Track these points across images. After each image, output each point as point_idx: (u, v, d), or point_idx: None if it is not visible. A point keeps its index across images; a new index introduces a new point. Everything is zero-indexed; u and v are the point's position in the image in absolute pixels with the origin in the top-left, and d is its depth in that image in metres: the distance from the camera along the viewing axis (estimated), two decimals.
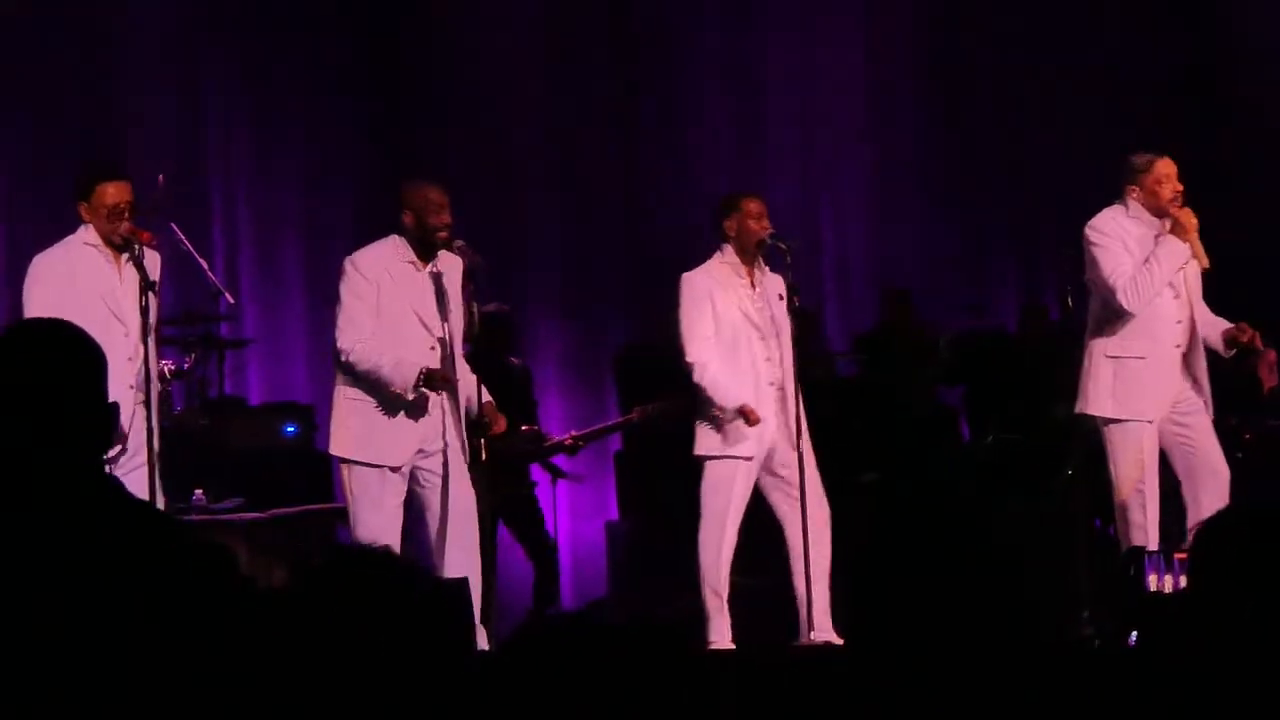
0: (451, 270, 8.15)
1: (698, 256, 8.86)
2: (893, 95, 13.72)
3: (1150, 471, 8.41)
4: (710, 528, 8.61)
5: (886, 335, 12.22)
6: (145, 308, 7.87)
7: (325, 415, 8.68)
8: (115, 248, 7.96)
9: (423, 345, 8.05)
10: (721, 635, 8.58)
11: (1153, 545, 8.29)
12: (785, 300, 8.65)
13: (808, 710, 5.74)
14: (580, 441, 10.67)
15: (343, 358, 8.07)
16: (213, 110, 12.40)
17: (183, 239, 9.83)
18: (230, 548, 3.27)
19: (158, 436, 7.81)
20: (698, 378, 8.59)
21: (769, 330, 8.64)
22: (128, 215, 7.95)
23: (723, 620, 8.58)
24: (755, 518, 8.70)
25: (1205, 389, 8.47)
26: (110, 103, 12.04)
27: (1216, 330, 8.52)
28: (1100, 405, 8.48)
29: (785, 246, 8.67)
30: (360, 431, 8.07)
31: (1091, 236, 8.48)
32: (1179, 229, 8.41)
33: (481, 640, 7.62)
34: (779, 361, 8.61)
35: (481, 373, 8.25)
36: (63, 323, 3.31)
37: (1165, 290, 8.40)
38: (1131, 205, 8.50)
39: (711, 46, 13.43)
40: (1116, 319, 8.43)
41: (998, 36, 13.73)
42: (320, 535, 9.42)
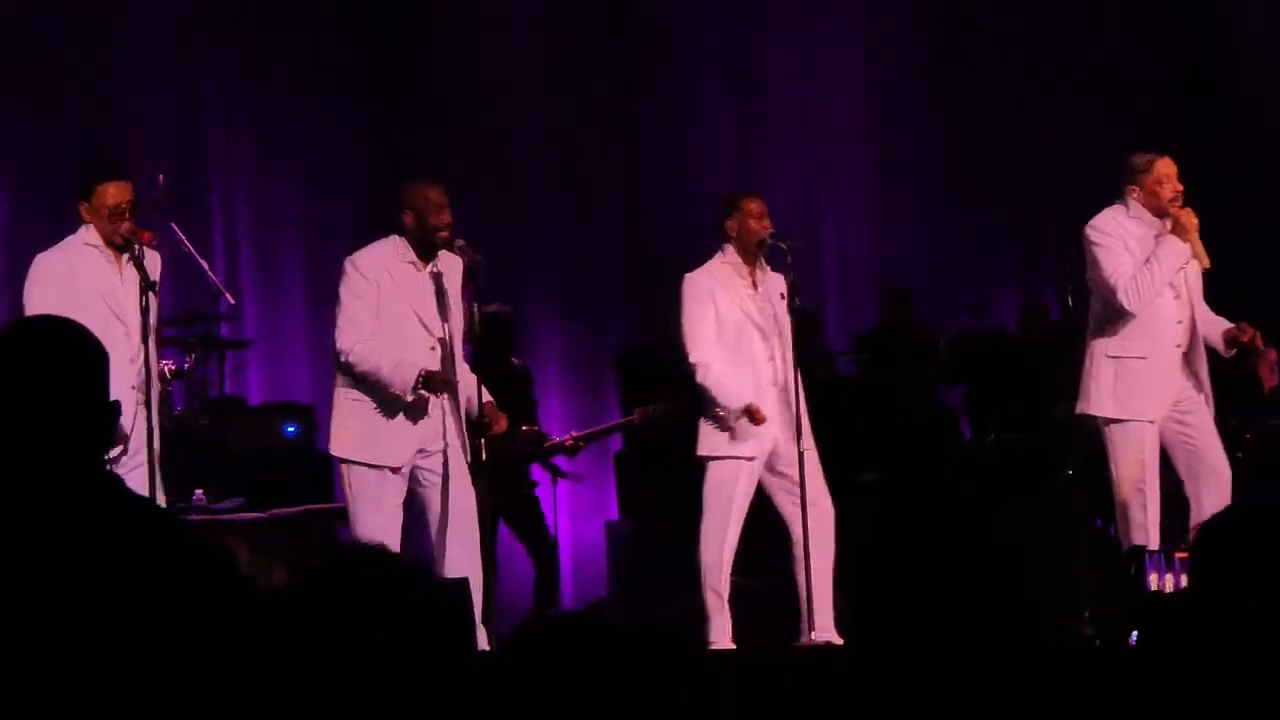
0: (452, 270, 8.15)
1: (698, 256, 8.85)
2: (893, 95, 13.72)
3: (1151, 471, 8.41)
4: (712, 528, 8.60)
5: (886, 335, 12.21)
6: (145, 308, 7.87)
7: (325, 415, 8.68)
8: (116, 248, 7.96)
9: (423, 345, 8.04)
10: (722, 635, 8.57)
11: (1154, 545, 8.29)
12: (786, 300, 8.65)
13: (808, 710, 5.73)
14: (581, 442, 10.67)
15: (342, 358, 8.06)
16: (213, 110, 12.40)
17: (183, 239, 9.84)
18: (231, 548, 3.27)
19: (158, 437, 7.81)
20: (701, 378, 8.58)
21: (771, 330, 8.63)
22: (128, 215, 7.95)
23: (723, 620, 8.58)
24: (756, 517, 8.69)
25: (1207, 388, 8.47)
26: (110, 103, 12.03)
27: (1217, 330, 8.53)
28: (1101, 405, 8.48)
29: (786, 246, 8.67)
30: (360, 432, 8.07)
31: (1092, 236, 8.48)
32: (1180, 229, 8.41)
33: (482, 640, 7.62)
34: (781, 361, 8.60)
35: (482, 373, 8.25)
36: (65, 320, 3.30)
37: (1166, 290, 8.41)
38: (1132, 205, 8.50)
39: (711, 46, 13.43)
40: (1117, 319, 8.43)
41: (998, 36, 13.73)
42: (321, 535, 9.42)
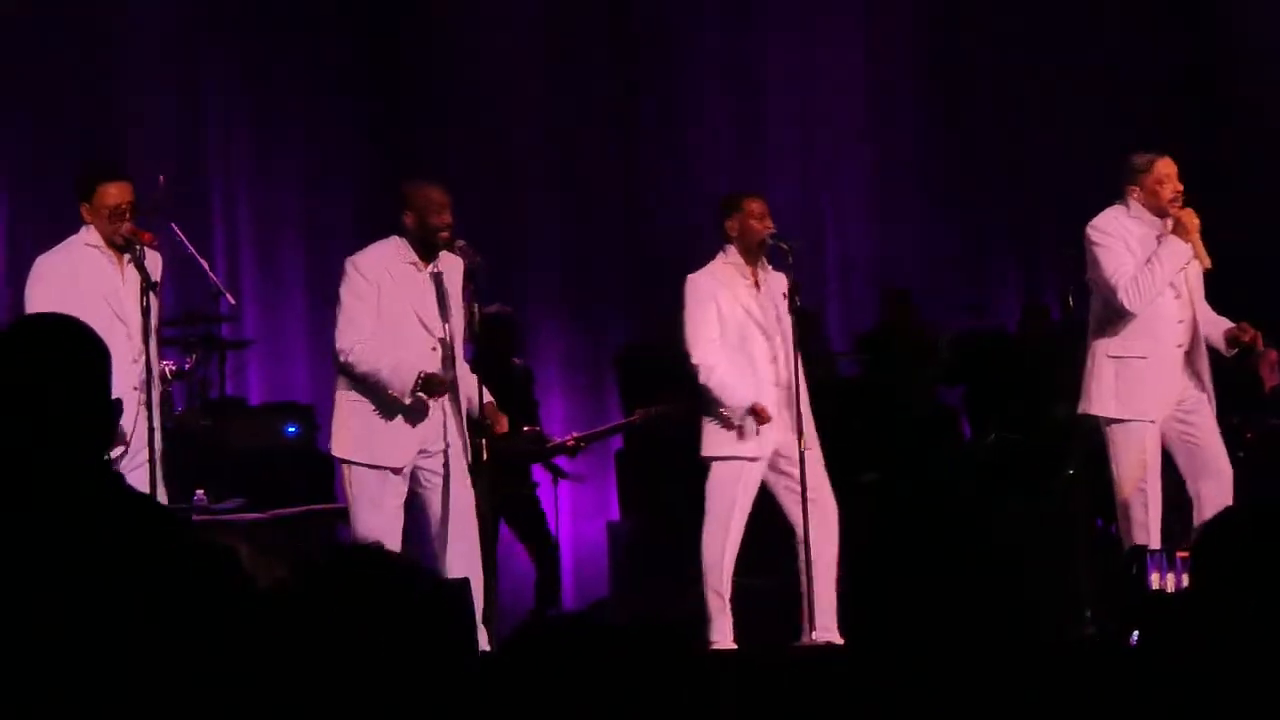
0: (452, 271, 8.14)
1: (698, 256, 8.84)
2: (893, 95, 13.71)
3: (1152, 471, 8.41)
4: (714, 528, 8.59)
5: (887, 335, 12.21)
6: (146, 308, 7.87)
7: (326, 415, 8.68)
8: (117, 248, 7.96)
9: (423, 346, 8.04)
10: (723, 635, 8.57)
11: (1155, 544, 8.29)
12: (787, 299, 8.64)
13: (808, 710, 5.73)
14: (582, 443, 10.66)
15: (341, 359, 8.05)
16: (213, 110, 12.40)
17: (184, 240, 9.84)
18: (232, 546, 3.27)
19: (159, 437, 7.81)
20: (704, 379, 8.56)
21: (773, 330, 8.62)
22: (129, 216, 7.95)
23: (725, 620, 8.57)
24: (759, 517, 8.69)
25: (1209, 388, 8.48)
26: (110, 103, 12.04)
27: (1218, 329, 8.53)
28: (1103, 405, 8.48)
29: (787, 247, 8.65)
30: (361, 433, 8.06)
31: (1093, 236, 8.48)
32: (1181, 229, 8.41)
33: (482, 640, 7.62)
34: (783, 361, 8.59)
35: (483, 373, 8.24)
36: (66, 318, 3.30)
37: (1167, 290, 8.41)
38: (1133, 205, 8.50)
39: (711, 46, 13.43)
40: (1118, 319, 8.43)
41: (998, 36, 13.72)
42: (321, 535, 9.42)
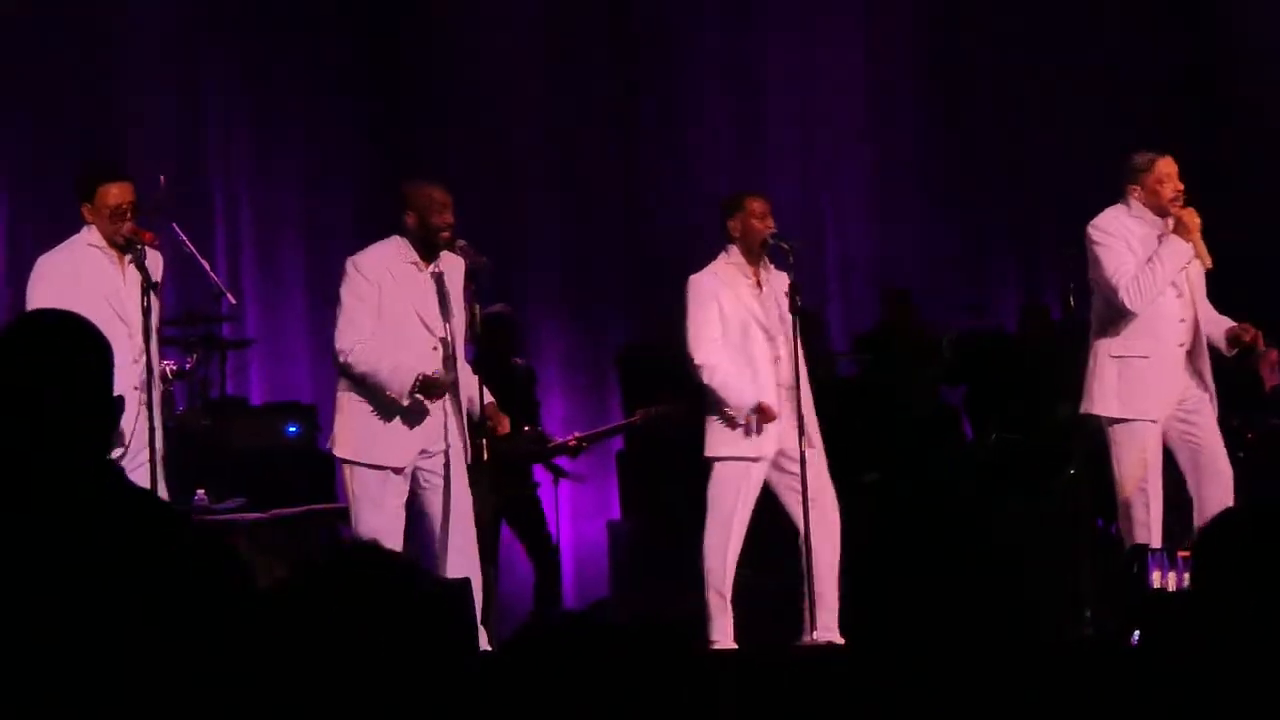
0: (453, 271, 8.13)
1: (698, 256, 8.84)
2: (893, 95, 13.72)
3: (1154, 470, 8.41)
4: (716, 529, 8.58)
5: (887, 335, 12.21)
6: (148, 308, 7.87)
7: (327, 415, 8.68)
8: (118, 248, 7.95)
9: (424, 346, 8.03)
10: (724, 635, 8.56)
11: (1156, 543, 8.29)
12: (788, 299, 8.63)
13: (808, 710, 5.73)
14: (584, 443, 10.66)
15: (341, 359, 8.04)
16: (213, 110, 12.40)
17: (185, 240, 9.84)
18: (232, 545, 3.26)
19: (160, 437, 7.80)
20: (707, 379, 8.55)
21: (776, 329, 8.60)
22: (130, 216, 7.95)
23: (725, 620, 8.57)
24: (761, 517, 8.68)
25: (1211, 387, 8.47)
26: (110, 103, 12.04)
27: (1220, 329, 8.53)
28: (1106, 405, 8.48)
29: (788, 247, 8.64)
30: (363, 433, 8.05)
31: (1094, 236, 8.48)
32: (1182, 228, 8.41)
33: (482, 641, 7.62)
34: (786, 361, 8.59)
35: (484, 374, 8.24)
36: (69, 314, 3.30)
37: (1168, 289, 8.41)
38: (1134, 205, 8.50)
39: (711, 46, 13.43)
40: (1120, 319, 8.43)
41: (998, 36, 13.73)
42: (322, 535, 9.42)
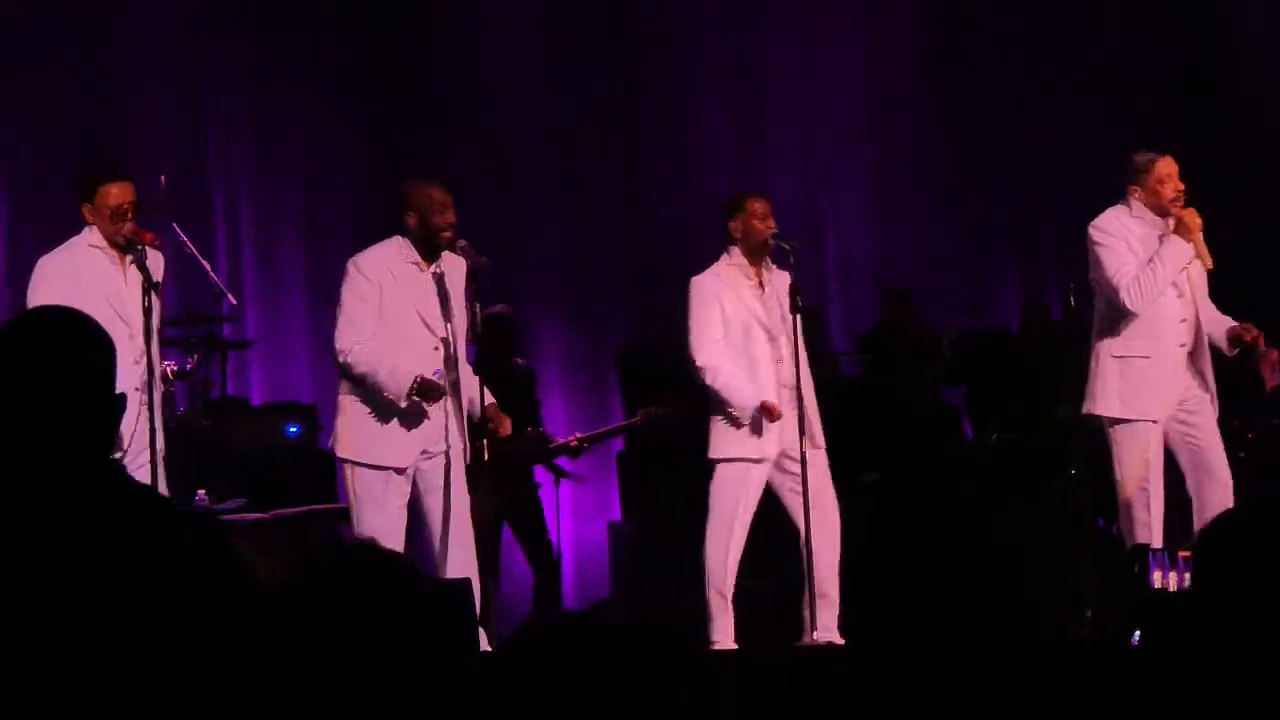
0: (454, 271, 8.13)
1: (698, 256, 8.84)
2: (893, 95, 13.72)
3: (1155, 470, 8.41)
4: (718, 530, 8.57)
5: (887, 335, 12.21)
6: (148, 308, 7.87)
7: (327, 415, 8.68)
8: (119, 249, 7.95)
9: (426, 346, 8.02)
10: (724, 635, 8.56)
11: (1157, 543, 8.30)
12: (789, 299, 8.62)
13: (808, 710, 5.73)
14: (585, 443, 10.65)
15: (340, 358, 8.04)
16: (213, 110, 12.40)
17: (185, 240, 9.84)
18: (232, 544, 3.26)
19: (161, 437, 7.80)
20: (710, 380, 8.55)
21: (778, 330, 8.60)
22: (130, 216, 7.95)
23: (726, 620, 8.56)
24: (762, 518, 8.68)
25: (1212, 387, 8.48)
26: (110, 103, 12.04)
27: (1221, 328, 8.53)
28: (1108, 405, 8.48)
29: (789, 247, 8.64)
30: (365, 433, 8.04)
31: (1095, 236, 8.48)
32: (1183, 229, 8.41)
33: (482, 641, 7.62)
34: (789, 361, 8.58)
35: (485, 374, 8.23)
36: (71, 312, 3.29)
37: (1169, 289, 8.41)
38: (1134, 205, 8.50)
39: (711, 46, 13.43)
40: (1121, 319, 8.44)
41: (998, 36, 13.73)
42: (323, 535, 9.41)
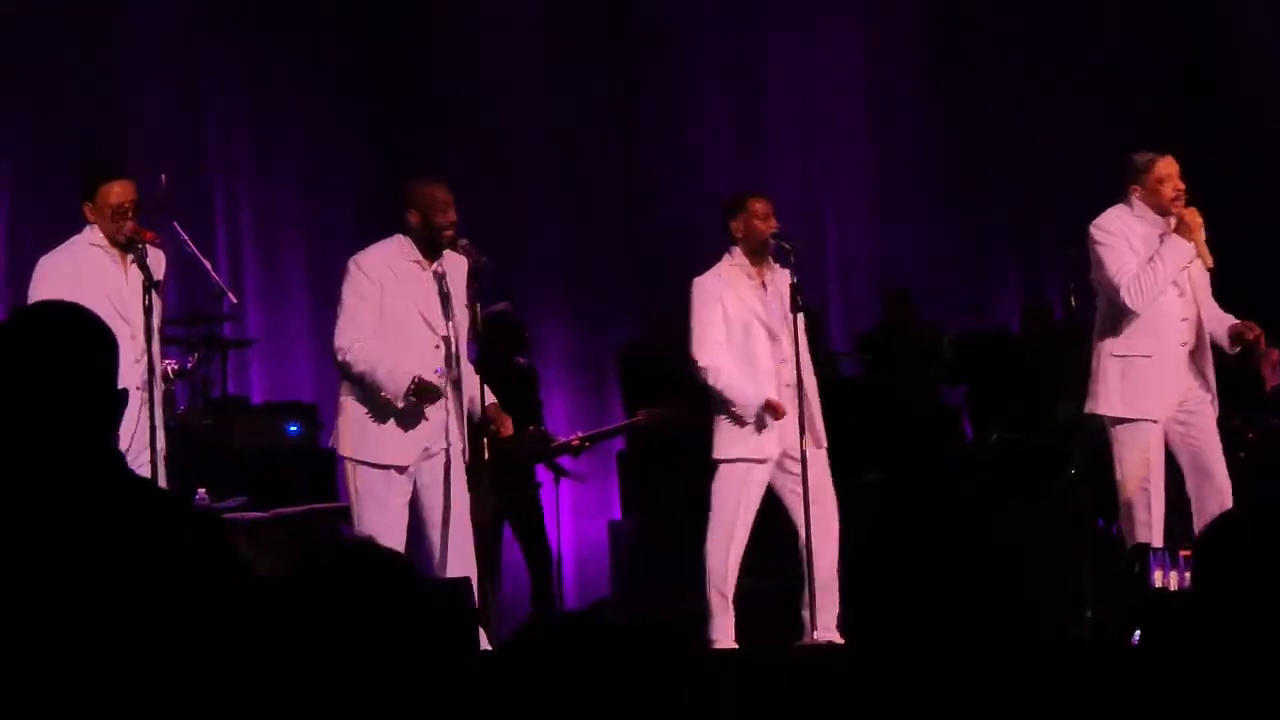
0: (455, 270, 8.13)
1: (698, 256, 8.84)
2: (893, 95, 13.72)
3: (1156, 470, 8.41)
4: (720, 530, 8.57)
5: (887, 335, 12.21)
6: (149, 307, 7.87)
7: (328, 414, 8.68)
8: (120, 247, 7.96)
9: (427, 345, 8.02)
10: (725, 634, 8.56)
11: (1157, 543, 8.30)
12: (789, 299, 8.62)
13: (809, 710, 5.74)
14: (587, 442, 10.65)
15: (339, 356, 8.03)
16: (213, 110, 12.40)
17: (186, 239, 9.84)
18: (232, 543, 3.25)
19: (162, 436, 7.80)
20: (712, 381, 8.54)
21: (780, 329, 8.60)
22: (131, 215, 7.95)
23: (726, 619, 8.56)
24: (762, 518, 8.68)
25: (1213, 387, 8.48)
26: (110, 103, 12.04)
27: (1223, 326, 8.53)
28: (1109, 405, 8.47)
29: (790, 247, 8.64)
30: (367, 432, 8.04)
31: (1096, 236, 8.48)
32: (1184, 228, 8.41)
33: (482, 641, 7.62)
34: (791, 361, 8.58)
35: (487, 373, 8.24)
36: (73, 306, 3.29)
37: (1170, 289, 8.41)
38: (1135, 204, 8.50)
39: (711, 46, 13.43)
40: (1122, 318, 8.44)
41: (998, 36, 13.73)
42: (324, 534, 9.41)
